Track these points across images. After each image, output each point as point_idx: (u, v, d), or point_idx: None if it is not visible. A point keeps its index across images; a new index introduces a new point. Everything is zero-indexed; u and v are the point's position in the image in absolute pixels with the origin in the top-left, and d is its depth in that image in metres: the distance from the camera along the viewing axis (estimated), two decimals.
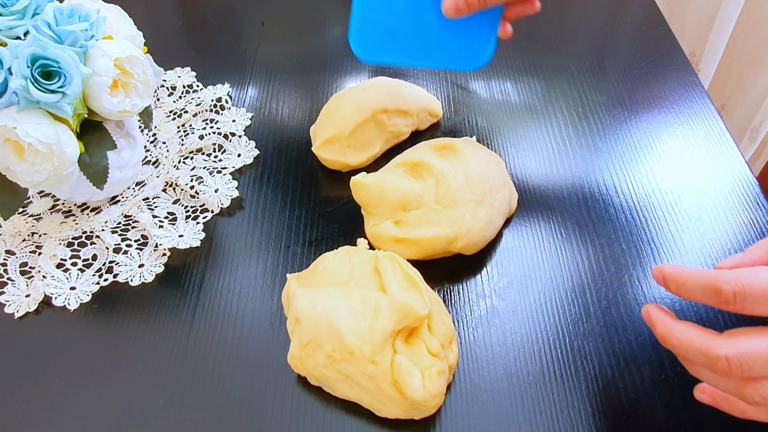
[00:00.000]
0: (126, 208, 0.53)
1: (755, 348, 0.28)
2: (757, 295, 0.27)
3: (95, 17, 0.45)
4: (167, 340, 0.45)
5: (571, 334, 0.44)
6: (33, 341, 0.46)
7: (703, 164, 0.56)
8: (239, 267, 0.49)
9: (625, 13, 0.74)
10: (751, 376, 0.28)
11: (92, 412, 0.41)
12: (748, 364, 0.28)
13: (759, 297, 0.27)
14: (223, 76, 0.66)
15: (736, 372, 0.28)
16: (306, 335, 0.39)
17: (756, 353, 0.27)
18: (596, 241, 0.50)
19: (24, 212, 0.54)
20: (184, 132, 0.60)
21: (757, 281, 0.27)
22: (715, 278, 0.28)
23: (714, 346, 0.29)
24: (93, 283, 0.48)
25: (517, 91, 0.64)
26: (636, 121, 0.60)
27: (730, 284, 0.28)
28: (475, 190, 0.47)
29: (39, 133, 0.42)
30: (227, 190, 0.54)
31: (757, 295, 0.27)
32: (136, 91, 0.48)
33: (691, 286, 0.30)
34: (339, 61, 0.68)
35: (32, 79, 0.41)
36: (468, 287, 0.47)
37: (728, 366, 0.28)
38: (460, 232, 0.46)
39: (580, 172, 0.55)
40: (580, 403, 0.41)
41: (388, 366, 0.38)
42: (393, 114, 0.56)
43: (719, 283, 0.28)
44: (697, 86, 0.63)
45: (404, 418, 0.39)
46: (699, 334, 0.30)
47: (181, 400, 0.42)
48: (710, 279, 0.29)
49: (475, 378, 0.42)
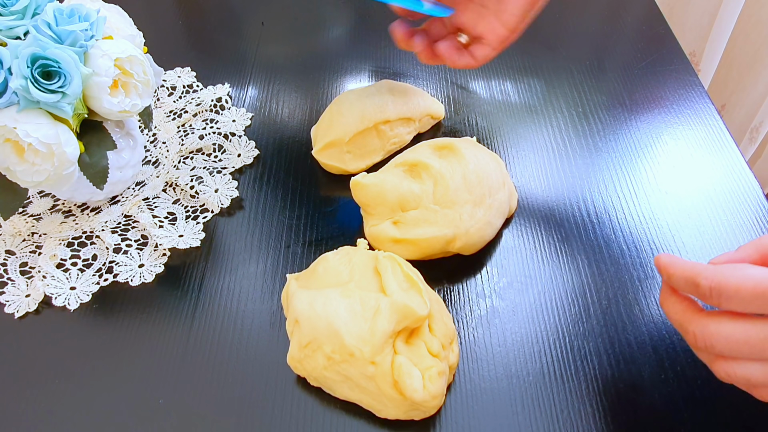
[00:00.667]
0: (126, 208, 0.53)
1: (719, 332, 0.30)
2: (730, 292, 0.28)
3: (95, 17, 0.45)
4: (167, 340, 0.45)
5: (571, 334, 0.44)
6: (33, 341, 0.46)
7: (703, 164, 0.56)
8: (239, 267, 0.49)
9: (625, 13, 0.74)
10: (716, 354, 0.30)
11: (92, 412, 0.42)
12: (711, 343, 0.30)
13: (732, 295, 0.28)
14: (223, 76, 0.66)
15: (702, 347, 0.31)
16: (305, 337, 0.39)
17: (719, 336, 0.30)
18: (596, 241, 0.50)
19: (24, 212, 0.54)
20: (184, 132, 0.60)
21: (733, 279, 0.28)
22: (697, 273, 0.30)
23: (687, 322, 0.31)
24: (93, 283, 0.48)
25: (517, 91, 0.64)
26: (636, 121, 0.60)
27: (707, 280, 0.29)
28: (474, 190, 0.47)
29: (39, 133, 0.42)
30: (227, 190, 0.54)
31: (731, 292, 0.28)
32: (136, 91, 0.48)
33: (677, 277, 0.32)
34: (339, 61, 0.68)
35: (32, 79, 0.41)
36: (468, 287, 0.47)
37: (695, 341, 0.31)
38: (458, 232, 0.46)
39: (580, 172, 0.55)
40: (580, 403, 0.41)
41: (388, 367, 0.38)
42: (396, 123, 0.56)
43: (699, 277, 0.30)
44: (697, 86, 0.63)
45: (404, 418, 0.39)
46: (682, 308, 0.32)
47: (181, 400, 0.42)
48: (693, 273, 0.30)
49: (475, 378, 0.42)
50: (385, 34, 0.52)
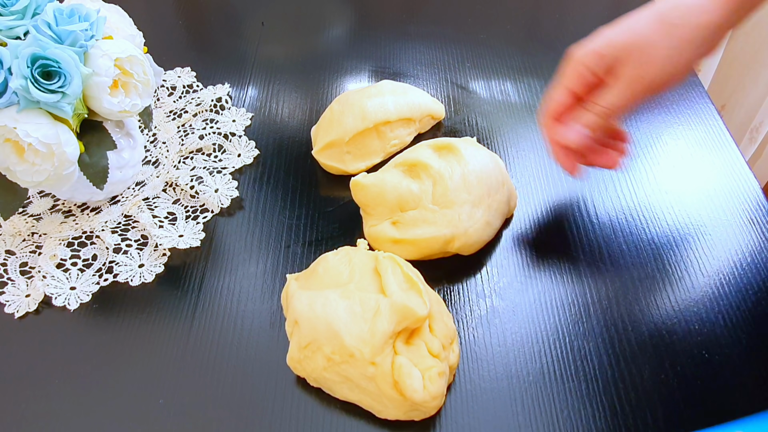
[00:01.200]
0: (126, 208, 0.53)
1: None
2: None
3: (95, 17, 0.45)
4: (167, 340, 0.45)
5: (571, 334, 0.44)
6: (33, 341, 0.46)
7: (703, 164, 0.56)
8: (239, 267, 0.49)
9: (625, 13, 0.74)
10: None
11: (92, 412, 0.41)
12: None
13: None
14: (223, 76, 0.66)
15: None
16: (305, 338, 0.39)
17: None
18: (596, 241, 0.50)
19: (24, 212, 0.54)
20: (184, 132, 0.60)
21: None
22: None
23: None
24: (93, 283, 0.48)
25: (517, 91, 0.64)
26: (636, 121, 0.60)
27: None
28: (473, 190, 0.47)
29: (39, 133, 0.42)
30: (227, 190, 0.54)
31: None
32: (136, 91, 0.48)
33: None
34: (339, 61, 0.68)
35: (32, 79, 0.41)
36: (468, 287, 0.47)
37: None
38: (456, 232, 0.46)
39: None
40: (580, 403, 0.41)
41: (388, 367, 0.37)
42: (396, 125, 0.56)
43: None
44: (697, 86, 0.63)
45: (404, 419, 0.39)
46: None
47: (181, 400, 0.42)
48: None
49: (475, 378, 0.42)
50: (385, 34, 0.52)
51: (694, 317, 0.45)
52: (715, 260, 0.48)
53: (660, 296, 0.46)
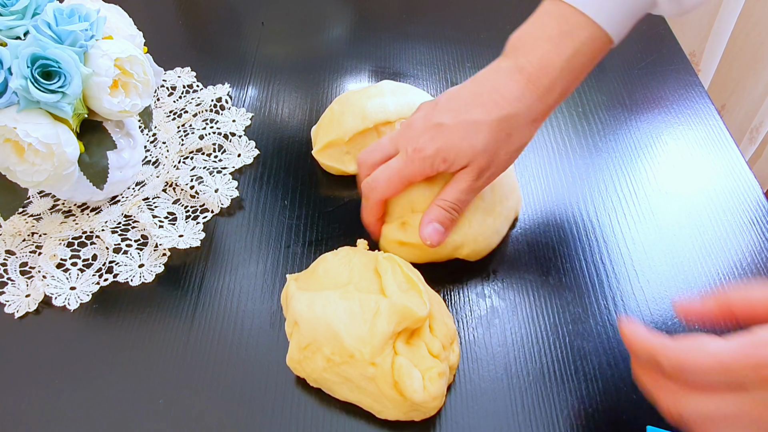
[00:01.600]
0: (126, 208, 0.53)
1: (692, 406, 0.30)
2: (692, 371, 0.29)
3: (95, 17, 0.45)
4: (167, 340, 0.45)
5: (571, 334, 0.44)
6: (33, 341, 0.46)
7: (703, 164, 0.56)
8: (239, 267, 0.49)
9: None
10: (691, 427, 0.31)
11: (92, 412, 0.42)
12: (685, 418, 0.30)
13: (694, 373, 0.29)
14: (223, 76, 0.66)
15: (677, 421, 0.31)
16: (305, 338, 0.39)
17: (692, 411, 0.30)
18: (596, 241, 0.50)
19: (24, 212, 0.54)
20: (184, 132, 0.60)
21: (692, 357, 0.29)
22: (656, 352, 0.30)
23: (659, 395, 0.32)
24: (93, 283, 0.48)
25: None
26: (636, 121, 0.60)
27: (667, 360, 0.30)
28: (486, 197, 0.46)
29: (39, 133, 0.42)
30: (227, 190, 0.54)
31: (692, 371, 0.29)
32: (136, 91, 0.48)
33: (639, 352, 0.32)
34: (339, 61, 0.68)
35: (32, 79, 0.41)
36: (468, 288, 0.47)
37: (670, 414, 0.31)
38: (466, 239, 0.45)
39: (580, 172, 0.55)
40: (580, 403, 0.41)
41: (388, 368, 0.37)
42: (396, 125, 0.56)
43: (659, 357, 0.30)
44: (697, 86, 0.63)
45: (404, 419, 0.39)
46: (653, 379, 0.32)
47: (181, 400, 0.42)
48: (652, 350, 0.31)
49: (476, 378, 0.42)
50: (385, 34, 0.52)
51: None
52: (715, 260, 0.48)
53: (660, 296, 0.46)
